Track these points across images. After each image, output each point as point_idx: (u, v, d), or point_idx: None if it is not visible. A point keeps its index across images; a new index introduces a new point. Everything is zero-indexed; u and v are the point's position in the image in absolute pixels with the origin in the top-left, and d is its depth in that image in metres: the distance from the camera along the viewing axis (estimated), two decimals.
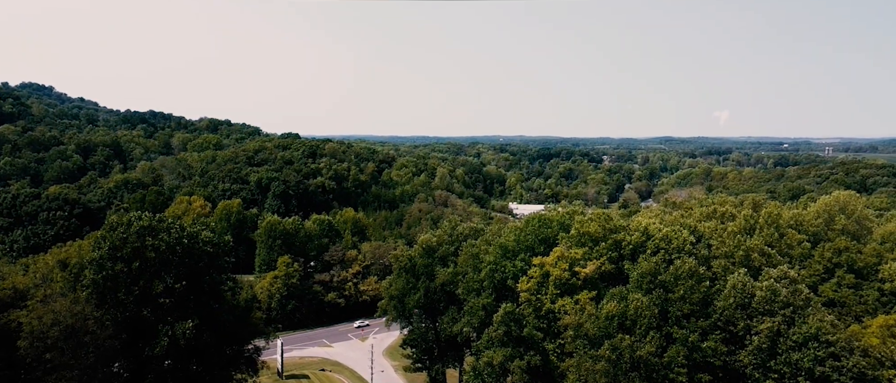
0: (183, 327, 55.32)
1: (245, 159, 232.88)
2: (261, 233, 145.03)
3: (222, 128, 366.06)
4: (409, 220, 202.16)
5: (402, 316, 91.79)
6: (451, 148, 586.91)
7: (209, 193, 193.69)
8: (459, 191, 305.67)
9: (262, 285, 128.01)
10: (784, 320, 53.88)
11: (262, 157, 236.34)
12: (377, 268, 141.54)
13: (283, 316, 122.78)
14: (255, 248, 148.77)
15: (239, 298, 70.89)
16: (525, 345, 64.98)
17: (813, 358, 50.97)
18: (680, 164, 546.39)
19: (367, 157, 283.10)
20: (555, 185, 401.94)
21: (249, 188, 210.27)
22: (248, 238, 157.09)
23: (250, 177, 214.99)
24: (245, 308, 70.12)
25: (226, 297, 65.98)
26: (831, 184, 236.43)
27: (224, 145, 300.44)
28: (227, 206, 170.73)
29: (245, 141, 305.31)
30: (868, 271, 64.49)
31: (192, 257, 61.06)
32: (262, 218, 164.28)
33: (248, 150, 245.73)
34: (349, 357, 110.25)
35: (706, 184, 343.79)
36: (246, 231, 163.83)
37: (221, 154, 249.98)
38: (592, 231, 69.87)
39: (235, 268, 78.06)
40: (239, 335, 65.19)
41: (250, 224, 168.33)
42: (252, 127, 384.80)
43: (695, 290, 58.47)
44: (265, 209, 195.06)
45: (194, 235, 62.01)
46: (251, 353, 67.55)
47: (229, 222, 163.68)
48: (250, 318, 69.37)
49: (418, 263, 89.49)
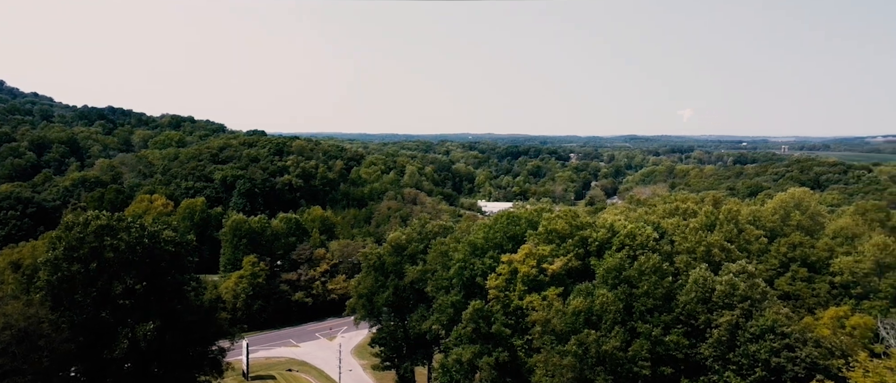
0: (144, 329, 53.84)
1: (209, 157, 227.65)
2: (226, 231, 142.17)
3: (185, 125, 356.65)
4: (378, 218, 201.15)
5: (371, 314, 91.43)
6: (420, 146, 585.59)
7: (172, 192, 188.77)
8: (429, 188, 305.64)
9: (227, 285, 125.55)
10: (742, 313, 55.61)
11: (227, 155, 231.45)
12: (346, 266, 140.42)
13: (248, 317, 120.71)
14: (219, 247, 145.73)
15: (203, 298, 69.43)
16: (493, 342, 65.50)
17: (769, 350, 52.76)
18: (644, 162, 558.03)
19: (335, 155, 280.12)
20: (523, 183, 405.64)
21: (214, 186, 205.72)
22: (212, 237, 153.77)
23: (215, 175, 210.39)
24: (209, 308, 68.72)
25: (189, 298, 64.53)
26: (787, 182, 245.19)
27: (187, 142, 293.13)
28: (191, 205, 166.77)
29: (209, 138, 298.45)
30: (820, 265, 67.10)
31: (154, 257, 59.50)
32: (227, 216, 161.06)
33: (212, 148, 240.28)
34: (317, 356, 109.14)
35: (669, 181, 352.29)
36: (210, 230, 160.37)
37: (184, 151, 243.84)
38: (560, 228, 70.81)
39: (199, 268, 76.51)
40: (203, 336, 63.87)
41: (215, 223, 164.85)
42: (216, 124, 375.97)
43: (658, 285, 59.84)
44: (230, 207, 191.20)
45: (156, 234, 60.43)
46: (216, 354, 66.30)
47: (193, 221, 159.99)
48: (215, 319, 68.05)
49: (387, 261, 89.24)
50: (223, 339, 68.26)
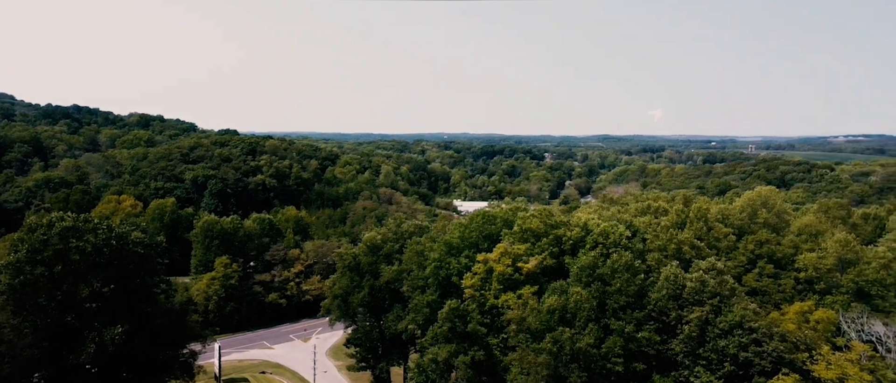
0: (111, 332, 52.49)
1: (180, 156, 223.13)
2: (197, 232, 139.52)
3: (155, 123, 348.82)
4: (353, 218, 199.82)
5: (346, 315, 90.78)
6: (395, 145, 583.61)
7: (140, 192, 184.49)
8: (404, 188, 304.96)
9: (199, 287, 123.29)
10: (712, 309, 56.91)
11: (199, 155, 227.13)
12: (321, 267, 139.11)
13: (221, 319, 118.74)
14: (190, 249, 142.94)
15: (173, 301, 68.16)
16: (469, 341, 65.70)
17: (737, 345, 54.12)
18: (617, 161, 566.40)
19: (309, 155, 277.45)
20: (498, 182, 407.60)
21: (184, 186, 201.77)
22: (183, 238, 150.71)
23: (185, 175, 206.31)
24: (180, 311, 67.46)
25: (159, 300, 63.22)
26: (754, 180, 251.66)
27: (157, 142, 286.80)
28: (161, 206, 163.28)
29: (179, 137, 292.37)
30: (786, 261, 69.04)
31: (122, 259, 58.08)
32: (198, 217, 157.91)
33: (182, 147, 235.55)
34: (291, 358, 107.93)
35: (641, 180, 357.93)
36: (181, 231, 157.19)
37: (154, 151, 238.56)
38: (535, 227, 71.40)
39: (170, 270, 74.88)
40: (173, 339, 62.61)
41: (186, 223, 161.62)
42: (187, 123, 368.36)
43: (631, 283, 60.82)
44: (202, 208, 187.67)
45: (124, 236, 58.99)
46: (186, 358, 65.07)
47: (163, 222, 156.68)
48: (186, 321, 66.79)
49: (363, 261, 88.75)
50: (194, 342, 67.06)
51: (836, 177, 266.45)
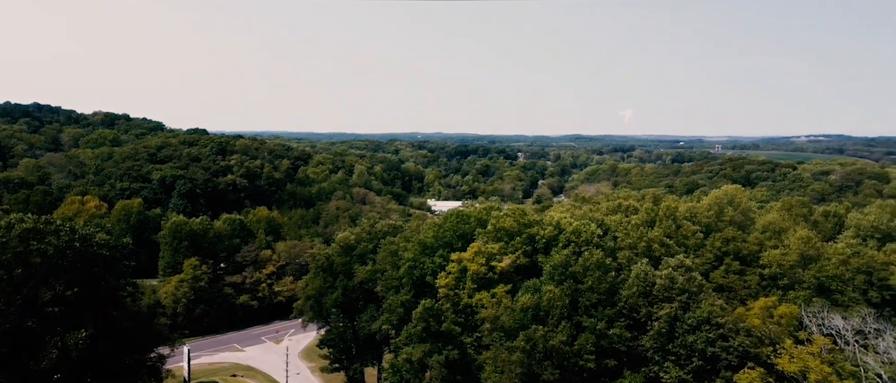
0: (74, 337, 50.90)
1: (147, 156, 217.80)
2: (165, 234, 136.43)
3: (120, 122, 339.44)
4: (326, 218, 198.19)
5: (320, 316, 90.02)
6: (369, 145, 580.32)
7: (105, 193, 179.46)
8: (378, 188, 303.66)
9: (167, 289, 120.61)
10: (681, 306, 58.16)
11: (166, 154, 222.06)
12: (293, 267, 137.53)
13: (190, 322, 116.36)
14: (158, 251, 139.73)
15: (140, 304, 66.49)
16: (444, 340, 65.79)
17: (705, 340, 55.43)
18: (589, 161, 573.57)
19: (281, 154, 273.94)
20: (472, 182, 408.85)
21: (152, 187, 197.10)
22: (150, 240, 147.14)
23: (153, 175, 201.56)
24: (147, 314, 65.90)
25: (125, 303, 61.57)
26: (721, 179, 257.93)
27: (122, 141, 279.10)
28: (127, 206, 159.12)
29: (146, 137, 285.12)
30: (751, 258, 70.94)
31: (86, 261, 56.35)
32: (166, 218, 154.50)
33: (149, 147, 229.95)
34: (263, 360, 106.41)
35: (612, 179, 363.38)
36: (148, 232, 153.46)
37: (119, 150, 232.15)
38: (508, 226, 71.88)
39: (136, 272, 73.15)
40: (140, 343, 61.09)
41: (153, 225, 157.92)
42: (154, 122, 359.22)
43: (602, 280, 61.71)
44: (170, 209, 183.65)
45: (88, 238, 57.25)
46: (154, 362, 63.60)
47: (129, 223, 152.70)
48: (153, 325, 65.28)
49: (336, 262, 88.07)
50: (162, 346, 65.59)
51: (798, 176, 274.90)
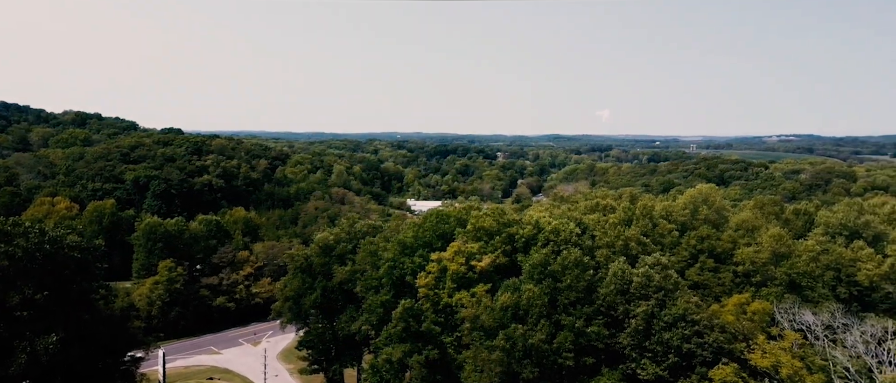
0: (45, 342, 49.63)
1: (119, 156, 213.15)
2: (139, 235, 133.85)
3: (91, 122, 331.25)
4: (304, 219, 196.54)
5: (298, 317, 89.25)
6: (348, 144, 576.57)
7: (77, 194, 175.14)
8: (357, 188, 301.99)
9: (141, 292, 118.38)
10: (657, 303, 59.04)
11: (140, 154, 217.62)
12: (271, 268, 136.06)
13: (165, 324, 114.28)
14: (132, 252, 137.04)
15: (114, 307, 65.13)
16: (423, 340, 65.77)
17: (681, 337, 56.36)
18: (567, 161, 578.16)
19: (258, 154, 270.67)
20: (452, 181, 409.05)
21: (125, 187, 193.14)
22: (124, 241, 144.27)
23: (126, 176, 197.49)
24: (121, 317, 64.60)
25: (98, 306, 60.24)
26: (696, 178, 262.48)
27: (94, 141, 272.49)
28: (99, 208, 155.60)
29: (119, 136, 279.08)
30: (725, 256, 72.34)
31: (57, 264, 55.00)
32: (140, 219, 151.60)
33: (122, 146, 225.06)
34: (240, 363, 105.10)
35: (590, 178, 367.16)
36: (122, 234, 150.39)
37: (91, 150, 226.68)
38: (488, 225, 72.13)
39: (110, 275, 71.66)
40: (113, 347, 59.85)
41: (126, 226, 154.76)
42: (127, 121, 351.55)
43: (580, 279, 62.33)
44: (144, 210, 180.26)
45: (58, 240, 55.88)
46: (128, 366, 62.45)
47: (101, 225, 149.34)
48: (127, 328, 64.02)
49: (315, 262, 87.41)
50: (136, 349, 64.43)
51: (770, 175, 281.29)
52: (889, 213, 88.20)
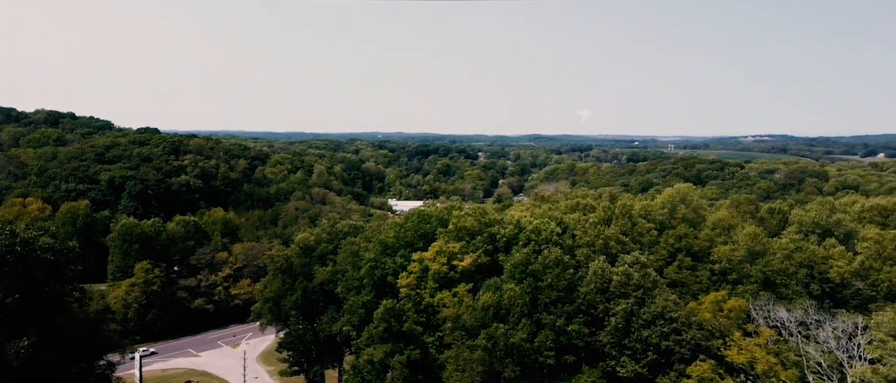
0: (16, 346, 48.36)
1: (94, 156, 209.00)
2: (114, 236, 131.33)
3: (65, 121, 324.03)
4: (285, 219, 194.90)
5: (278, 318, 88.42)
6: (329, 144, 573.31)
7: (50, 194, 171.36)
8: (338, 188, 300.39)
9: (117, 294, 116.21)
10: (636, 301, 59.75)
11: (115, 154, 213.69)
12: (251, 269, 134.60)
13: (142, 327, 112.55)
14: (107, 254, 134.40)
15: (88, 310, 63.79)
16: (405, 340, 65.62)
17: (660, 334, 57.11)
18: (548, 160, 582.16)
19: (237, 154, 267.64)
20: (433, 181, 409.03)
21: (100, 188, 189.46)
22: (99, 243, 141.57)
23: (101, 176, 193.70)
24: (95, 320, 63.34)
25: (72, 309, 58.90)
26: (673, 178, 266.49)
27: (68, 140, 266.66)
28: (73, 208, 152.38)
29: (93, 136, 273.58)
30: (702, 254, 73.50)
31: (28, 266, 53.63)
32: (115, 220, 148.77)
33: (97, 146, 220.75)
34: (219, 365, 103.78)
35: (571, 178, 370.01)
36: (96, 235, 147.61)
37: (64, 150, 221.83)
38: (469, 225, 72.25)
39: (84, 277, 70.14)
40: (88, 350, 58.56)
41: (102, 227, 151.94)
42: (101, 120, 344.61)
43: (561, 278, 62.77)
44: (119, 210, 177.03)
45: (30, 242, 54.48)
46: (103, 370, 61.09)
47: (75, 226, 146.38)
48: (102, 331, 62.76)
49: (296, 263, 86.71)
50: (112, 353, 63.15)
51: (745, 174, 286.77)
52: (859, 212, 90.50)
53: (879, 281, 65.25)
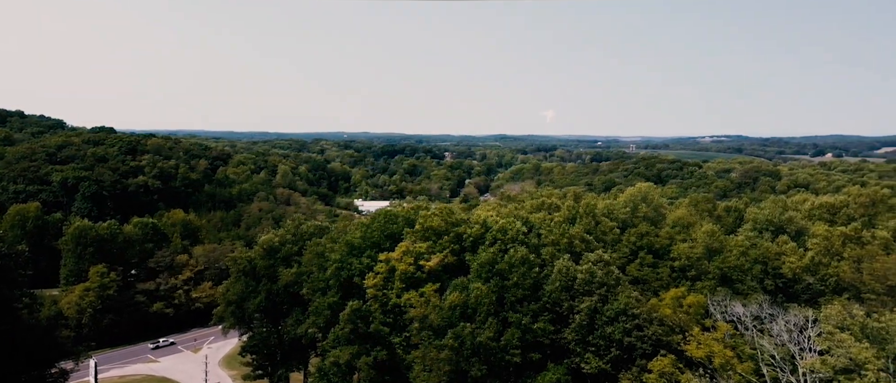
0: None
1: (45, 156, 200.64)
2: (67, 240, 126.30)
3: (12, 119, 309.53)
4: (248, 220, 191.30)
5: (242, 322, 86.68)
6: (293, 144, 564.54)
7: None
8: (303, 188, 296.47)
9: (70, 299, 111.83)
10: (600, 298, 60.90)
11: (68, 154, 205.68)
12: (212, 272, 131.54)
13: (97, 333, 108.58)
14: (60, 258, 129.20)
15: (39, 316, 61.28)
16: (372, 341, 65.27)
17: (622, 330, 58.35)
18: (514, 160, 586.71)
19: (198, 154, 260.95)
20: (400, 181, 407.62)
21: (52, 189, 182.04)
22: (51, 246, 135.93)
23: (52, 177, 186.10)
24: (47, 326, 60.84)
25: (21, 316, 56.50)
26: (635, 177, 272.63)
27: (16, 140, 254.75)
28: (22, 211, 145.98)
29: (44, 135, 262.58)
30: (663, 251, 75.41)
31: None
32: (68, 223, 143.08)
33: (48, 146, 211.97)
34: (180, 371, 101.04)
35: (536, 178, 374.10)
36: (48, 238, 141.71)
37: (12, 150, 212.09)
38: (436, 225, 72.33)
39: (35, 282, 67.35)
40: (39, 358, 56.29)
41: (54, 230, 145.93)
42: (53, 119, 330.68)
43: (527, 276, 63.48)
44: (73, 213, 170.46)
45: None
46: (55, 378, 58.84)
47: (24, 229, 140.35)
48: (54, 338, 60.37)
49: (259, 265, 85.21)
50: (65, 360, 60.83)
51: (703, 173, 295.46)
52: (809, 209, 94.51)
53: (828, 275, 68.27)
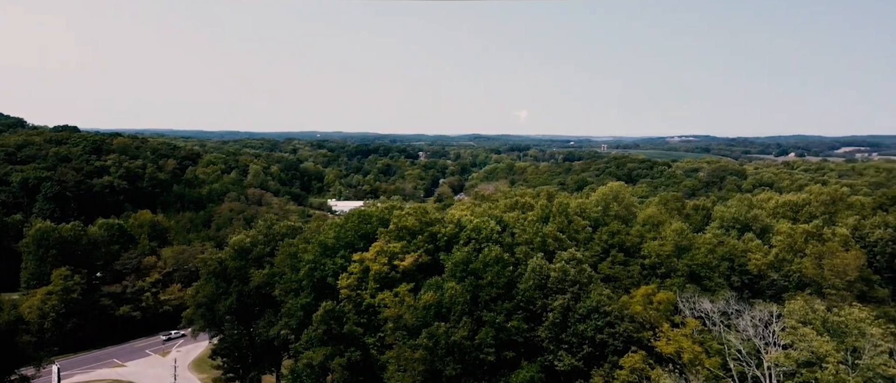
0: None
1: (4, 155, 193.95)
2: (28, 242, 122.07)
3: None
4: (218, 221, 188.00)
5: (212, 324, 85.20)
6: (265, 144, 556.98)
7: None
8: (275, 188, 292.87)
9: (32, 303, 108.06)
10: (573, 296, 61.63)
11: (29, 153, 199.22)
12: (181, 274, 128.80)
13: (61, 337, 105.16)
14: (20, 261, 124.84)
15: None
16: (346, 342, 64.83)
17: (594, 328, 59.15)
18: (487, 160, 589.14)
19: (166, 154, 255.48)
20: (374, 181, 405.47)
21: (11, 190, 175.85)
22: (10, 249, 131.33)
23: (12, 177, 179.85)
24: (6, 331, 58.95)
25: None
26: (607, 176, 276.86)
27: None
28: None
29: (3, 134, 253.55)
30: (634, 249, 76.77)
31: None
32: (29, 224, 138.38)
33: (7, 145, 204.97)
34: (147, 375, 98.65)
35: (510, 177, 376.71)
36: (7, 241, 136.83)
37: None
38: (410, 224, 72.21)
39: None
40: None
41: (13, 232, 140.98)
42: (12, 118, 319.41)
43: (501, 275, 63.84)
44: (34, 214, 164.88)
45: None
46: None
47: None
48: (15, 343, 58.68)
49: (230, 266, 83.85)
50: (26, 366, 59.01)
51: (672, 173, 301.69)
52: (774, 208, 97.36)
53: (791, 272, 70.44)
